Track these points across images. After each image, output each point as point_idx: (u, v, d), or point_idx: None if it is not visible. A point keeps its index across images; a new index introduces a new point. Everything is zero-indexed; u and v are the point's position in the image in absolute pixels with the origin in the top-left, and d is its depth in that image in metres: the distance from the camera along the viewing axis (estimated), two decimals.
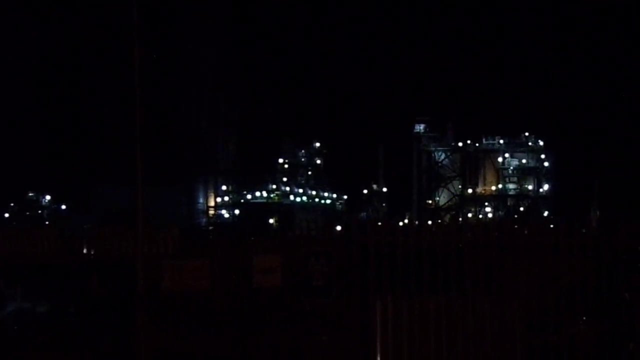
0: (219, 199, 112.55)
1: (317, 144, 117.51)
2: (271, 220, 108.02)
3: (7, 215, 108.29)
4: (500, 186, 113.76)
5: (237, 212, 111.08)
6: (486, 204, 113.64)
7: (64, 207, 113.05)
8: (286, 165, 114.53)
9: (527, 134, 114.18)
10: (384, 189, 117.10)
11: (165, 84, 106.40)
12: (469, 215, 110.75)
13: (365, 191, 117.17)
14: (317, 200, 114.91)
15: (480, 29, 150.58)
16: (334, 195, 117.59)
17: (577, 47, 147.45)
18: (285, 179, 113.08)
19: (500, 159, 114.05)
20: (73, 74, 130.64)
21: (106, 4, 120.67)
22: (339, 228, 18.50)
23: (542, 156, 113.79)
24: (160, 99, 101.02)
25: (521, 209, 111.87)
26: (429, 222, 19.69)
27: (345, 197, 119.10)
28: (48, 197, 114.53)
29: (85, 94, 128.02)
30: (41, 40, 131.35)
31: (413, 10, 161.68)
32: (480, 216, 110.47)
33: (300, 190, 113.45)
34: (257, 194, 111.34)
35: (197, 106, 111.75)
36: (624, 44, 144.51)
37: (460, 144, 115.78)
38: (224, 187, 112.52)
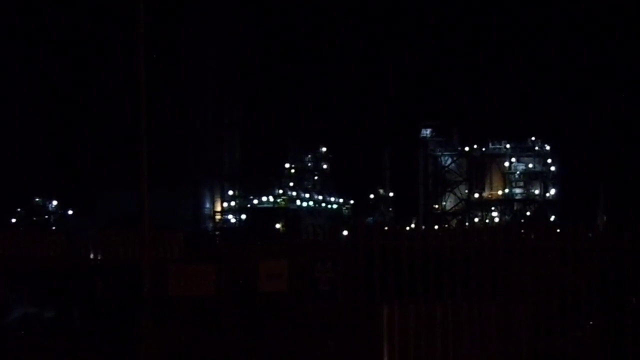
0: (225, 204, 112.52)
1: (324, 149, 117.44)
2: (278, 225, 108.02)
3: (14, 220, 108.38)
4: (506, 191, 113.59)
5: (243, 216, 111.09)
6: (493, 208, 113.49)
7: (70, 212, 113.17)
8: (293, 170, 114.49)
9: (533, 138, 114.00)
10: (391, 194, 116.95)
11: (169, 88, 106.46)
12: (476, 219, 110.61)
13: (371, 196, 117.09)
14: (323, 205, 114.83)
15: (486, 33, 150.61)
16: (341, 200, 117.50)
17: (584, 52, 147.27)
18: (291, 184, 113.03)
19: (506, 164, 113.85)
20: (77, 78, 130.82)
21: (109, 7, 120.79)
22: (345, 233, 18.52)
23: (549, 161, 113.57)
24: (164, 103, 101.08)
25: (528, 213, 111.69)
26: (436, 227, 19.68)
27: (352, 201, 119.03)
28: (55, 203, 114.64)
29: (90, 98, 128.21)
30: (44, 44, 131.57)
31: (419, 14, 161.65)
32: (487, 221, 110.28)
33: (307, 195, 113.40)
34: (264, 198, 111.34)
35: (202, 110, 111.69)
36: (632, 48, 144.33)
37: (466, 149, 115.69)
38: (230, 192, 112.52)
